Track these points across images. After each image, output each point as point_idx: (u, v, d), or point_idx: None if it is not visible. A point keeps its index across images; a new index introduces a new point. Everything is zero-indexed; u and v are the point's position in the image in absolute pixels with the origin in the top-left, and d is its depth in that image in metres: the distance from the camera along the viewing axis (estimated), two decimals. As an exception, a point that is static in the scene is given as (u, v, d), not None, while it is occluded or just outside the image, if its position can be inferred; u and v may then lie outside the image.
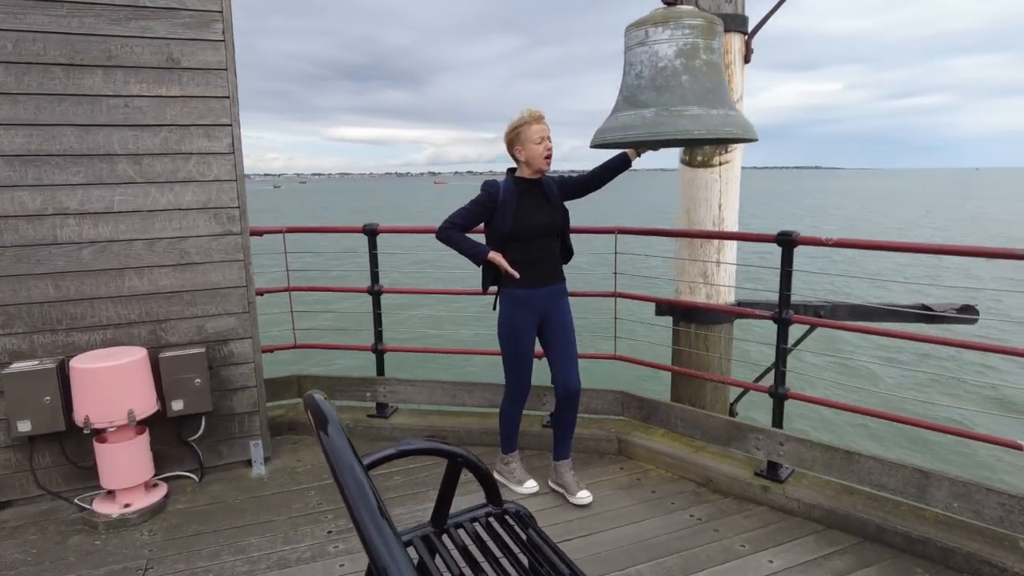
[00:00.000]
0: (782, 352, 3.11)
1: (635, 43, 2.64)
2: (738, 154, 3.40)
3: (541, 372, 3.13)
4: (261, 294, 3.93)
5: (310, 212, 58.10)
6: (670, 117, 2.49)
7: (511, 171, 2.96)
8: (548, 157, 2.81)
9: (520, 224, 2.80)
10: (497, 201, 2.81)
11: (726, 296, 3.57)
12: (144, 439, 3.12)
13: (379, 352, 4.05)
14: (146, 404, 3.06)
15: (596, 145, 2.76)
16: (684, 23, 2.53)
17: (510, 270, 2.80)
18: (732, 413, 3.80)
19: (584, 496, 3.03)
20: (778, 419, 3.21)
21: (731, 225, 3.50)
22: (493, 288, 3.01)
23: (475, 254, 2.81)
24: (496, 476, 3.25)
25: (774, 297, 3.72)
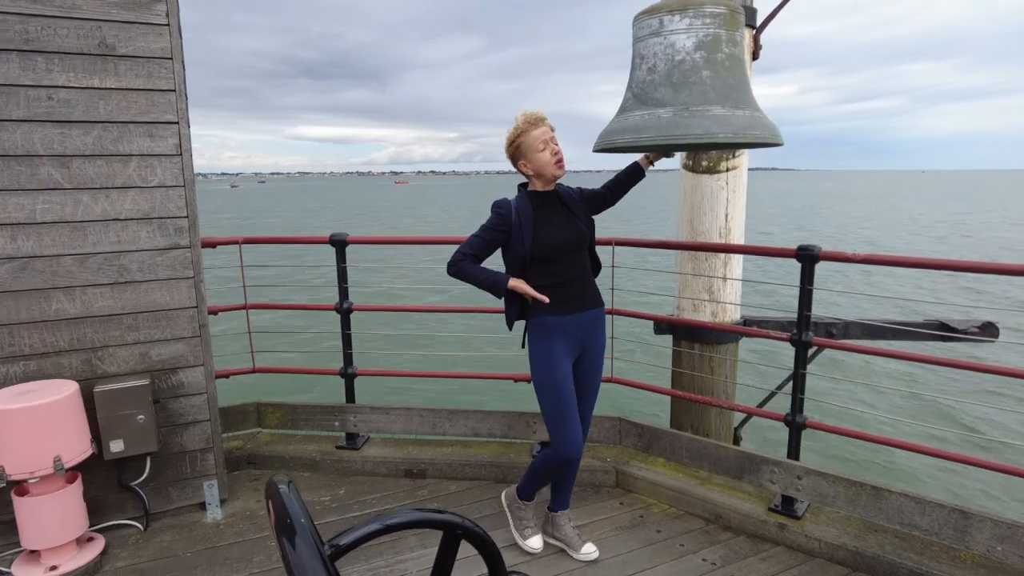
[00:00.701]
0: (800, 377, 2.83)
1: (647, 33, 2.32)
2: (745, 159, 3.13)
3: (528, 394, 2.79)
4: (215, 313, 3.50)
5: (267, 210, 56.51)
6: (691, 118, 2.18)
7: (523, 187, 2.57)
8: (559, 162, 2.40)
9: (542, 242, 2.40)
10: (511, 221, 2.41)
11: (732, 314, 3.29)
12: (75, 489, 2.67)
13: (349, 376, 3.65)
14: (77, 448, 2.62)
15: (603, 149, 2.44)
16: (705, 11, 2.22)
17: (535, 294, 2.39)
18: (736, 439, 3.54)
19: (590, 552, 2.69)
20: (795, 450, 2.94)
21: (738, 237, 3.23)
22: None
23: (494, 283, 2.41)
24: (504, 507, 2.93)
25: (782, 314, 3.47)
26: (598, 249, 3.31)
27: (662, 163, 2.76)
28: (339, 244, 3.52)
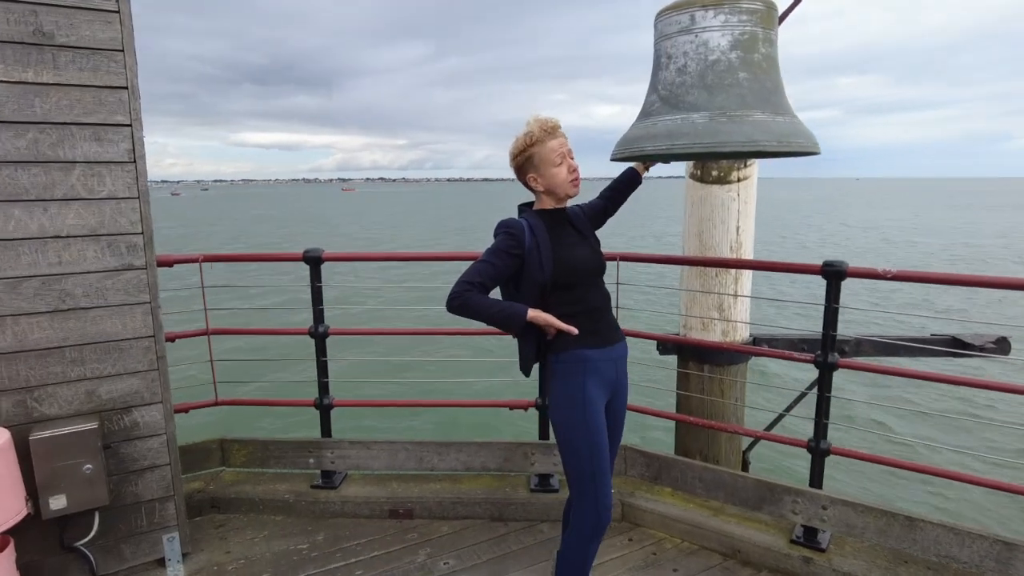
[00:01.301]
0: (825, 401, 2.65)
1: (676, 30, 2.09)
2: (755, 169, 2.96)
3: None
4: (172, 340, 3.11)
5: (209, 219, 54.34)
6: (729, 123, 1.96)
7: (526, 206, 2.24)
8: (576, 180, 2.10)
9: (564, 265, 2.06)
10: (525, 244, 2.04)
11: (743, 333, 3.11)
12: (6, 557, 2.26)
13: (324, 407, 3.30)
14: (8, 509, 2.21)
15: (628, 157, 2.20)
16: (741, 7, 2.01)
17: (562, 325, 2.02)
18: (745, 463, 3.36)
19: None
20: (818, 478, 2.76)
21: (749, 251, 3.06)
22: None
23: (510, 316, 2.01)
24: None
25: (793, 332, 3.31)
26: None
27: (654, 170, 2.54)
28: (313, 261, 3.18)
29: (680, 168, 3.42)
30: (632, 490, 3.16)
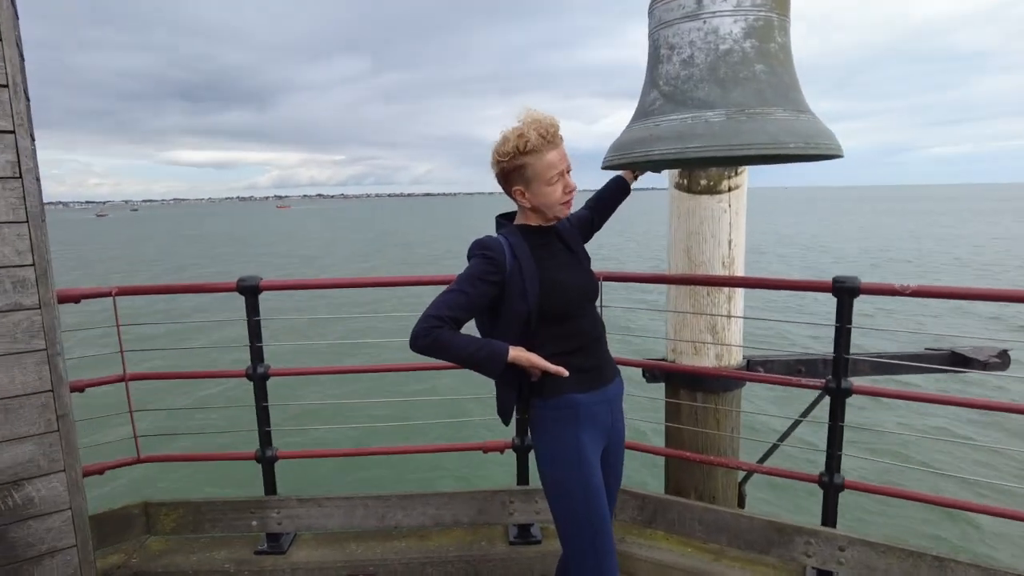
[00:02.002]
0: (838, 431, 2.40)
1: (678, 16, 1.80)
2: (746, 177, 2.71)
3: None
4: (81, 390, 2.62)
5: (137, 240, 51.45)
6: (749, 122, 1.67)
7: (505, 217, 1.92)
8: (569, 203, 1.81)
9: (553, 291, 1.75)
10: (506, 268, 1.74)
11: (737, 356, 2.84)
12: None
13: (267, 460, 2.85)
14: None
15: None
16: (754, -12, 1.74)
17: (550, 367, 1.73)
18: (741, 496, 3.09)
19: None
20: (831, 515, 2.50)
21: (741, 267, 2.80)
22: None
23: (489, 357, 1.69)
24: None
25: (786, 353, 3.07)
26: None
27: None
28: (249, 291, 2.74)
29: (656, 178, 3.15)
30: (623, 535, 2.83)
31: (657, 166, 1.99)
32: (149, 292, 2.87)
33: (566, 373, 1.74)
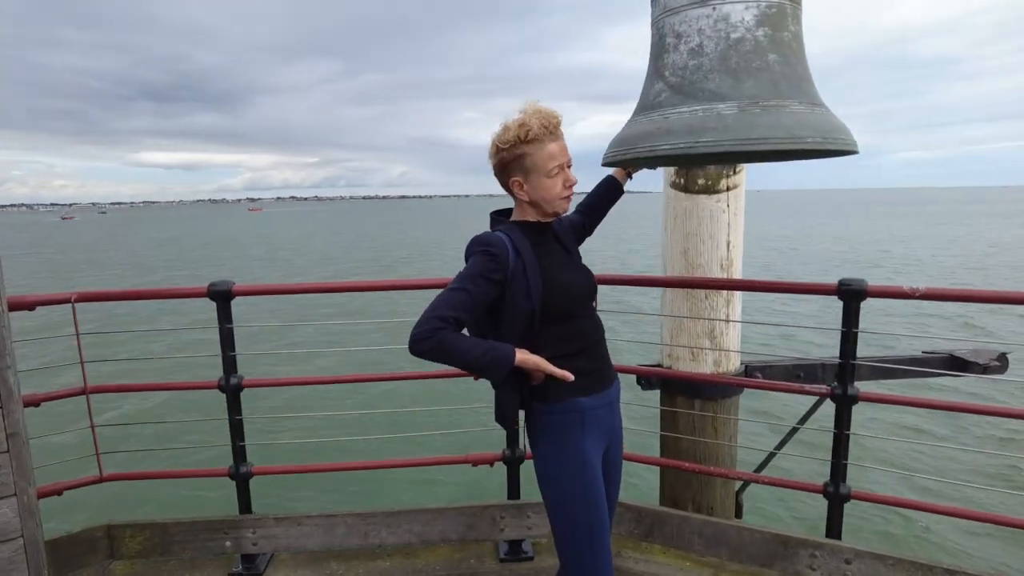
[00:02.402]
0: (844, 439, 2.31)
1: (686, 2, 1.69)
2: (744, 176, 2.61)
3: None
4: (36, 404, 2.42)
5: (104, 245, 49.89)
6: (765, 115, 1.56)
7: (501, 214, 1.83)
8: (569, 197, 1.74)
9: (556, 290, 1.68)
10: (508, 266, 1.65)
11: (735, 362, 2.74)
12: None
13: (242, 477, 2.67)
14: None
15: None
16: (766, -27, 1.63)
17: (557, 371, 1.64)
18: (739, 506, 2.99)
19: None
20: (836, 526, 2.41)
21: (739, 269, 2.70)
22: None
23: (496, 360, 1.59)
24: None
25: (784, 358, 2.98)
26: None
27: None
28: (221, 297, 2.56)
29: (650, 178, 3.04)
30: (618, 549, 2.71)
31: (664, 162, 1.88)
32: (112, 298, 2.67)
33: (571, 377, 1.65)
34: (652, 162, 1.86)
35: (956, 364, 2.86)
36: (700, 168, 2.52)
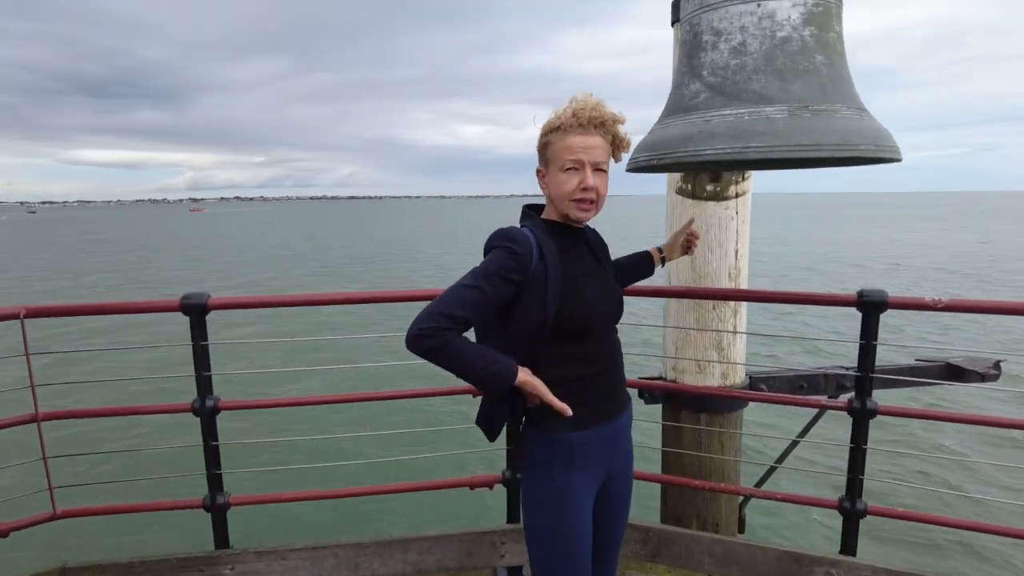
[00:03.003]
0: (861, 454, 2.24)
1: (725, -2, 1.57)
2: (751, 182, 2.53)
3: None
4: (-22, 436, 2.13)
5: (28, 248, 46.78)
6: (815, 120, 1.47)
7: (532, 210, 1.66)
8: (584, 202, 1.52)
9: (574, 303, 1.51)
10: (530, 267, 1.48)
11: (741, 374, 2.66)
12: None
13: (218, 508, 2.43)
14: None
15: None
16: (812, -32, 1.53)
17: (556, 403, 1.50)
18: (742, 520, 2.91)
19: None
20: (851, 543, 2.34)
21: (746, 279, 2.62)
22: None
23: (498, 375, 1.44)
24: None
25: (787, 369, 2.92)
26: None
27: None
28: (195, 311, 2.32)
29: (646, 182, 2.92)
30: (623, 570, 2.58)
31: (709, 167, 1.77)
32: (67, 313, 2.40)
33: (569, 413, 1.50)
34: (695, 167, 1.75)
35: (952, 372, 2.86)
36: (706, 173, 2.42)
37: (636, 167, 1.74)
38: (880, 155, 1.50)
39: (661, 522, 2.85)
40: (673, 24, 2.48)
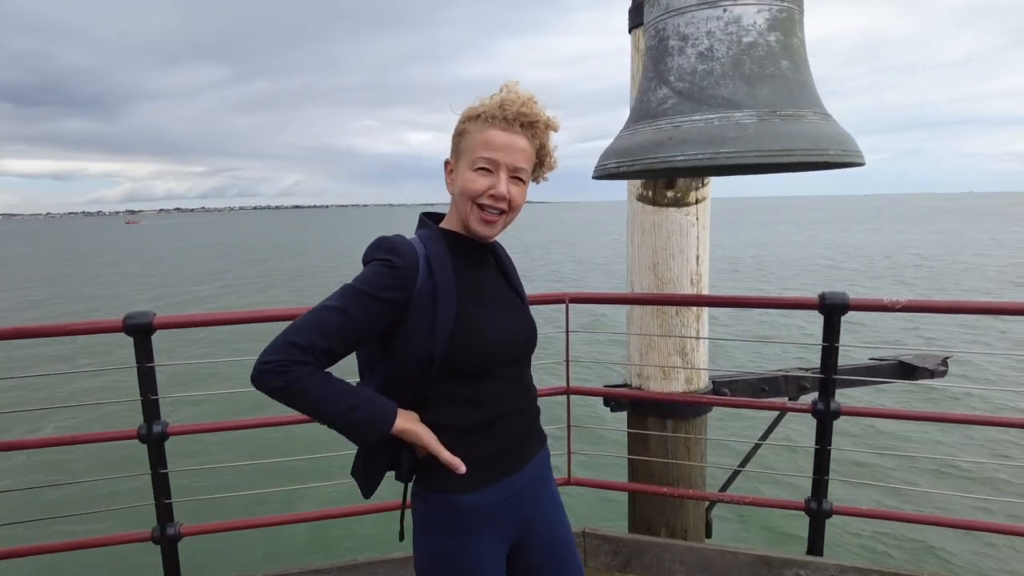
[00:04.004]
0: (826, 455, 2.27)
1: (693, 3, 1.57)
2: (711, 188, 2.55)
3: None
4: None
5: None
6: (784, 124, 1.47)
7: (430, 218, 1.37)
8: (489, 209, 1.25)
9: (472, 335, 1.25)
10: (413, 285, 1.22)
11: (704, 379, 2.67)
12: None
13: (168, 540, 2.28)
14: None
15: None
16: (775, -26, 1.54)
17: (448, 458, 1.25)
18: (708, 524, 2.91)
19: None
20: (818, 543, 2.37)
21: (707, 284, 2.63)
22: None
23: (365, 423, 1.20)
24: None
25: (744, 371, 2.95)
26: (548, 309, 2.48)
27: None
28: (139, 331, 2.18)
29: (610, 189, 2.91)
30: (593, 584, 2.55)
31: (681, 173, 1.75)
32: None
33: (463, 469, 1.25)
34: (665, 173, 1.73)
35: (905, 370, 2.94)
36: (664, 180, 2.42)
37: (604, 174, 1.71)
38: (847, 159, 1.52)
39: (630, 531, 2.84)
40: (631, 30, 2.49)
